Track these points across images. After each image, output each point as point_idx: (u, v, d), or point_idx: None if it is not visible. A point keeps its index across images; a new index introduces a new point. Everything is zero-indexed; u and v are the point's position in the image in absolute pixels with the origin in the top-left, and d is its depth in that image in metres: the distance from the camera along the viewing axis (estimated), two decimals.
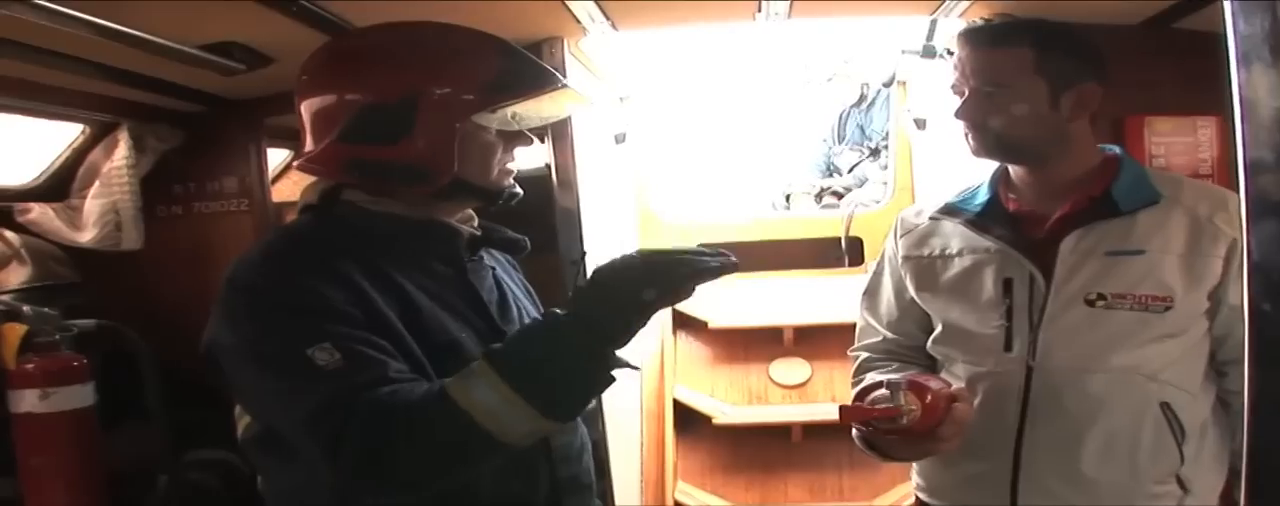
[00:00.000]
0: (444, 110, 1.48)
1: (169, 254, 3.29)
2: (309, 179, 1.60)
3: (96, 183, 3.12)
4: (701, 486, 4.17)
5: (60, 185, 3.20)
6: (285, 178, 4.15)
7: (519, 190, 1.63)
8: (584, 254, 1.83)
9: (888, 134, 5.31)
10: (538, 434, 1.39)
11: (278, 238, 1.58)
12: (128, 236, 3.12)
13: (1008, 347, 1.84)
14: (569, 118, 2.90)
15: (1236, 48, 0.65)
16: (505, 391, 1.31)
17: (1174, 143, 2.82)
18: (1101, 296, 1.78)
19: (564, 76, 1.67)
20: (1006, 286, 1.86)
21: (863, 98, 5.67)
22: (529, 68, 1.59)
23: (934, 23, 3.26)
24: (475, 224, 1.67)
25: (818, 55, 5.36)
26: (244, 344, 1.41)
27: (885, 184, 5.17)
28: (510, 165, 1.61)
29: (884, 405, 1.66)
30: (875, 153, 5.58)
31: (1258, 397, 0.66)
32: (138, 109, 3.06)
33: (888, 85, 5.23)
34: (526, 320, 1.64)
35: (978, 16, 2.72)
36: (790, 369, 4.43)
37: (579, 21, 2.73)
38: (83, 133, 3.15)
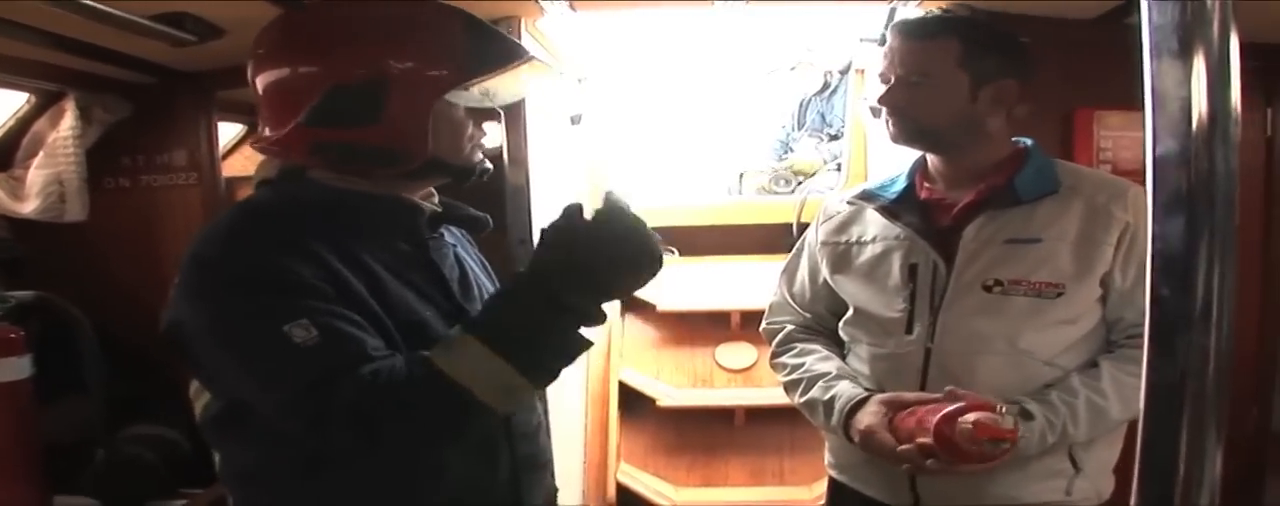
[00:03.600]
0: (415, 90, 1.43)
1: (114, 227, 3.26)
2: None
3: (41, 153, 3.09)
4: (644, 468, 4.18)
5: (3, 155, 3.17)
6: (238, 152, 4.11)
7: (490, 165, 1.60)
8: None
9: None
10: (520, 397, 1.41)
11: (241, 213, 1.52)
12: (71, 208, 3.09)
13: (908, 330, 1.91)
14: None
15: (1150, 39, 0.67)
16: (491, 357, 1.32)
17: (1122, 136, 2.88)
18: (998, 282, 1.84)
19: None
20: (912, 272, 1.92)
21: (826, 86, 5.67)
22: (498, 41, 1.54)
23: (892, 11, 3.28)
24: (436, 200, 1.64)
25: (782, 43, 5.36)
26: (215, 323, 1.38)
27: (839, 168, 5.20)
28: (481, 140, 1.58)
29: (1006, 428, 1.63)
30: (835, 139, 5.60)
31: (1153, 381, 0.68)
32: (85, 79, 3.02)
33: (845, 73, 5.25)
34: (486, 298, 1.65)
35: (934, 6, 2.76)
36: (736, 352, 4.45)
37: (537, 1, 2.72)
38: (28, 102, 3.12)
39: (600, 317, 1.40)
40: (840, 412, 1.91)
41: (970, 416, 1.64)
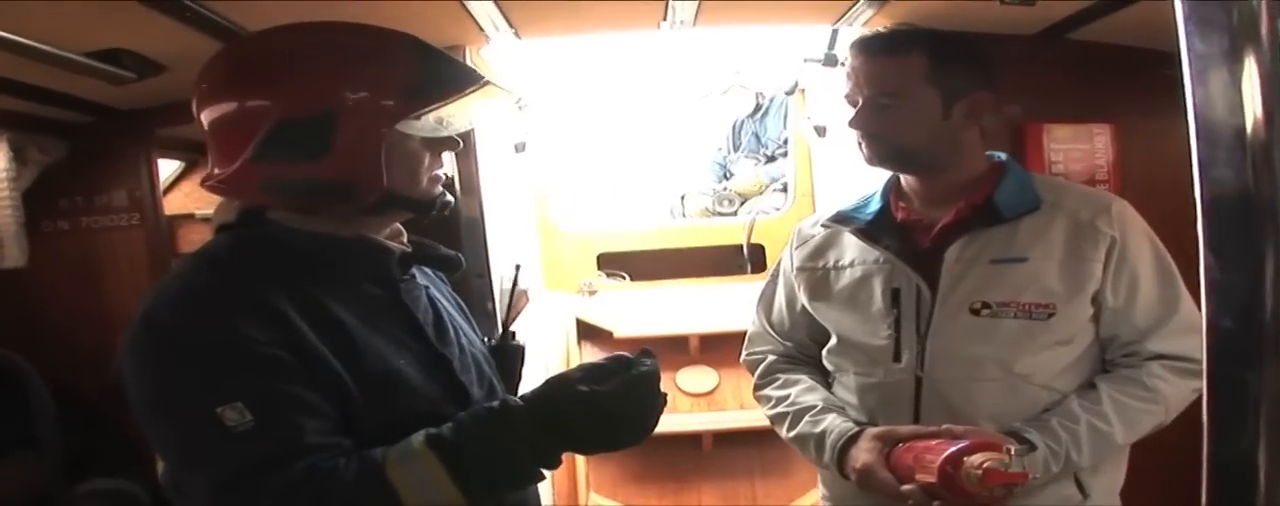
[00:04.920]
0: (366, 120, 1.36)
1: (55, 272, 3.16)
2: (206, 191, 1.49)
3: None
4: (614, 497, 4.14)
5: None
6: (177, 190, 4.03)
7: (451, 199, 1.54)
8: (519, 267, 1.80)
9: (784, 141, 5.38)
10: None
11: (199, 266, 1.43)
12: (9, 253, 2.99)
13: (896, 358, 1.85)
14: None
15: (1191, 67, 0.66)
16: (444, 481, 1.29)
17: (1072, 150, 2.91)
18: (986, 305, 1.79)
19: None
20: (895, 296, 1.86)
21: (758, 107, 5.73)
22: (449, 67, 1.48)
23: (835, 32, 3.30)
24: (405, 240, 1.57)
25: (712, 68, 5.40)
26: (153, 391, 1.32)
27: (785, 190, 5.23)
28: (439, 172, 1.51)
29: (1016, 472, 1.54)
30: (771, 160, 5.66)
31: (1216, 412, 0.67)
32: (18, 119, 2.92)
33: (790, 93, 5.30)
34: (464, 340, 1.60)
35: (879, 26, 2.77)
36: (697, 377, 4.42)
37: (482, 29, 2.69)
38: None
39: (558, 462, 1.38)
40: (833, 448, 1.84)
41: (976, 458, 1.56)
